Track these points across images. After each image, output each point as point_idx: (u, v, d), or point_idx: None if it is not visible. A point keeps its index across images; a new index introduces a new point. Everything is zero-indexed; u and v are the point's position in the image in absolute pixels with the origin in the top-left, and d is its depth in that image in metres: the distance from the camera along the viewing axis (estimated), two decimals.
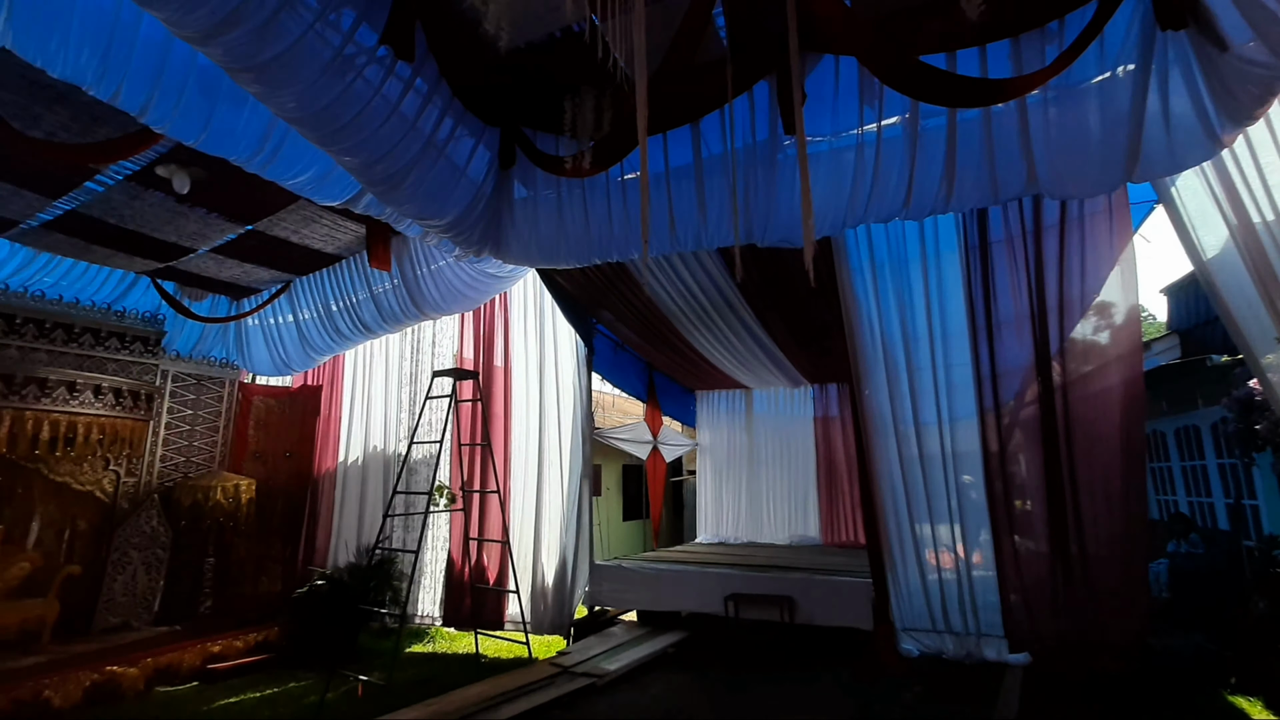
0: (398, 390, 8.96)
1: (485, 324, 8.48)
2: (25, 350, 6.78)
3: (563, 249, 5.38)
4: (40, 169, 5.42)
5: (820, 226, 5.14)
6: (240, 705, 5.52)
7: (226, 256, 7.40)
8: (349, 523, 8.80)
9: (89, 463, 7.23)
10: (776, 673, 5.68)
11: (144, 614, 7.22)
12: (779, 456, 10.20)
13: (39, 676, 5.47)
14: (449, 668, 6.53)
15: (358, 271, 8.05)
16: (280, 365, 8.99)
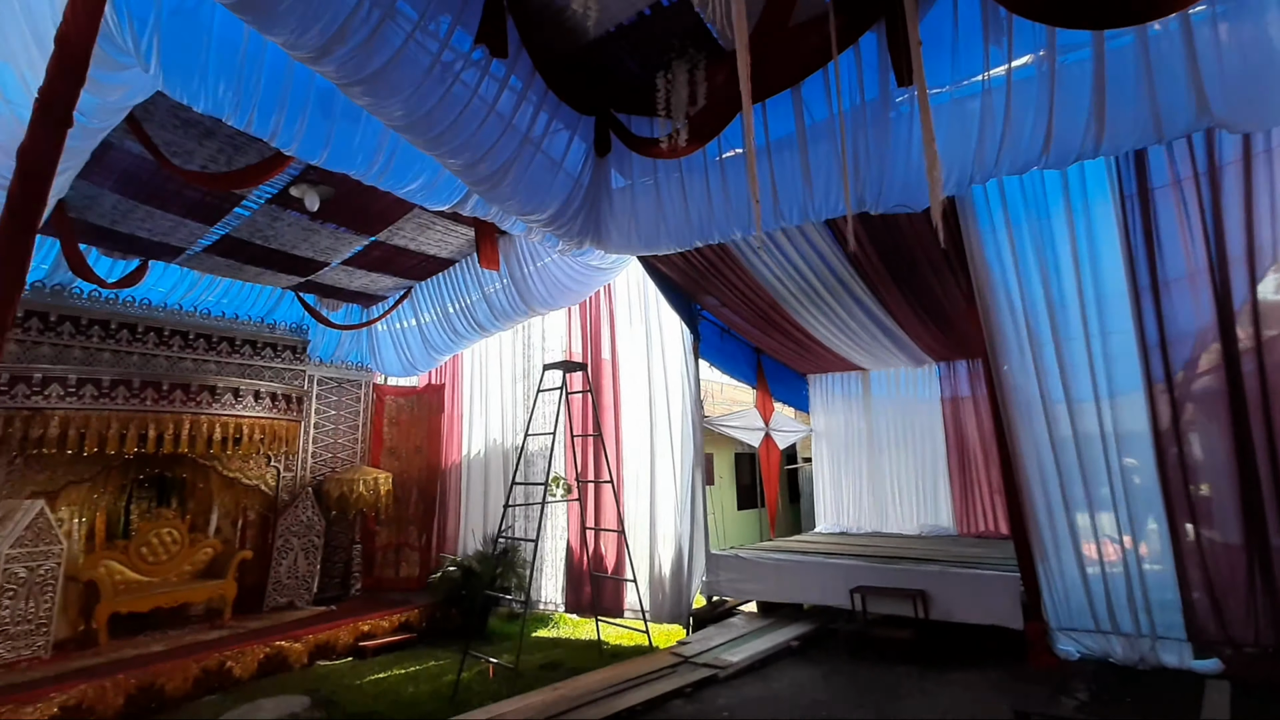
0: (512, 385, 9.29)
1: (591, 317, 8.59)
2: (198, 362, 7.71)
3: (663, 234, 5.28)
4: (198, 200, 6.10)
5: (943, 185, 4.68)
6: (388, 680, 5.95)
7: (355, 268, 8.00)
8: (475, 512, 9.28)
9: (254, 460, 8.11)
10: (911, 670, 5.29)
11: (305, 594, 8.01)
12: (903, 441, 9.55)
13: (222, 648, 6.20)
14: (573, 653, 6.69)
15: (470, 274, 8.42)
16: (407, 366, 9.62)
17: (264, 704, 4.97)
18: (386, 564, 9.50)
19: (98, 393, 6.43)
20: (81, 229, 6.24)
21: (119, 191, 5.84)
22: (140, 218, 6.25)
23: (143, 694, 5.50)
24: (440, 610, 8.04)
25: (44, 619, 5.84)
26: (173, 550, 7.31)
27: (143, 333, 7.29)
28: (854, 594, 6.08)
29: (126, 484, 7.28)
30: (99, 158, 5.32)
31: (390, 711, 5.05)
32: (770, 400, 9.59)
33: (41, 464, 6.47)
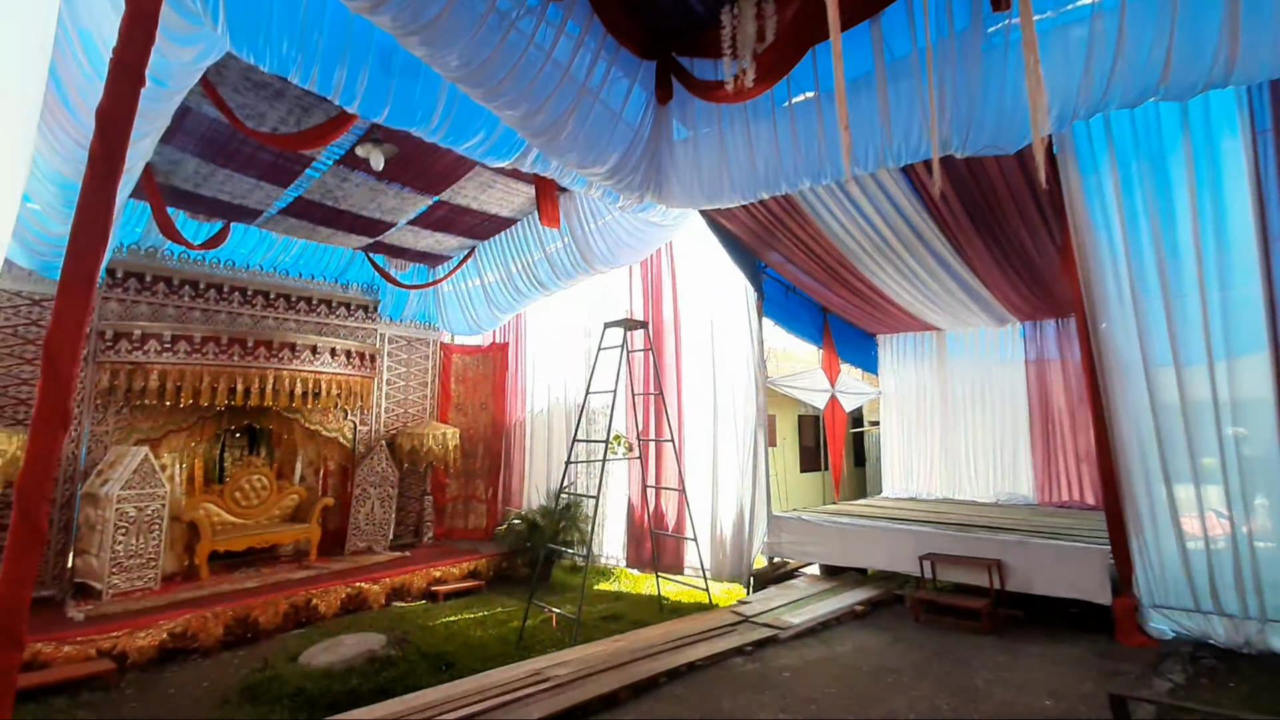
0: (574, 344, 9.33)
1: (653, 275, 8.45)
2: (279, 320, 8.09)
3: (727, 186, 5.05)
4: (271, 162, 6.28)
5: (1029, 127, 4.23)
6: (458, 623, 6.23)
7: (421, 227, 8.12)
8: (539, 468, 9.49)
9: (332, 413, 8.53)
10: (984, 642, 5.08)
11: (382, 540, 8.46)
12: (980, 405, 9.04)
13: (309, 586, 6.64)
14: (633, 606, 6.81)
15: (531, 233, 8.41)
16: (472, 325, 9.81)
17: (345, 640, 5.30)
18: (456, 515, 9.90)
19: (190, 348, 6.86)
20: (168, 193, 6.56)
21: (199, 155, 6.08)
22: (220, 181, 6.51)
23: (239, 624, 5.98)
24: (506, 560, 8.35)
25: (153, 554, 6.39)
26: (263, 495, 7.84)
27: (228, 292, 7.68)
28: (924, 561, 5.86)
29: (220, 433, 7.81)
30: (179, 122, 5.54)
31: (460, 653, 5.28)
32: (837, 360, 9.25)
33: (145, 414, 7.00)
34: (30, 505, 2.49)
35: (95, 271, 2.78)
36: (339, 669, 4.68)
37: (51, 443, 2.57)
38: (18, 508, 2.50)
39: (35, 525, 2.49)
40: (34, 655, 4.90)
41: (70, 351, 2.67)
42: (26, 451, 2.55)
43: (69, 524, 6.48)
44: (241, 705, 4.37)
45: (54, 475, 2.58)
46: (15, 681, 2.42)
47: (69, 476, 6.54)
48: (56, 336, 2.65)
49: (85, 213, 2.78)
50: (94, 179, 2.81)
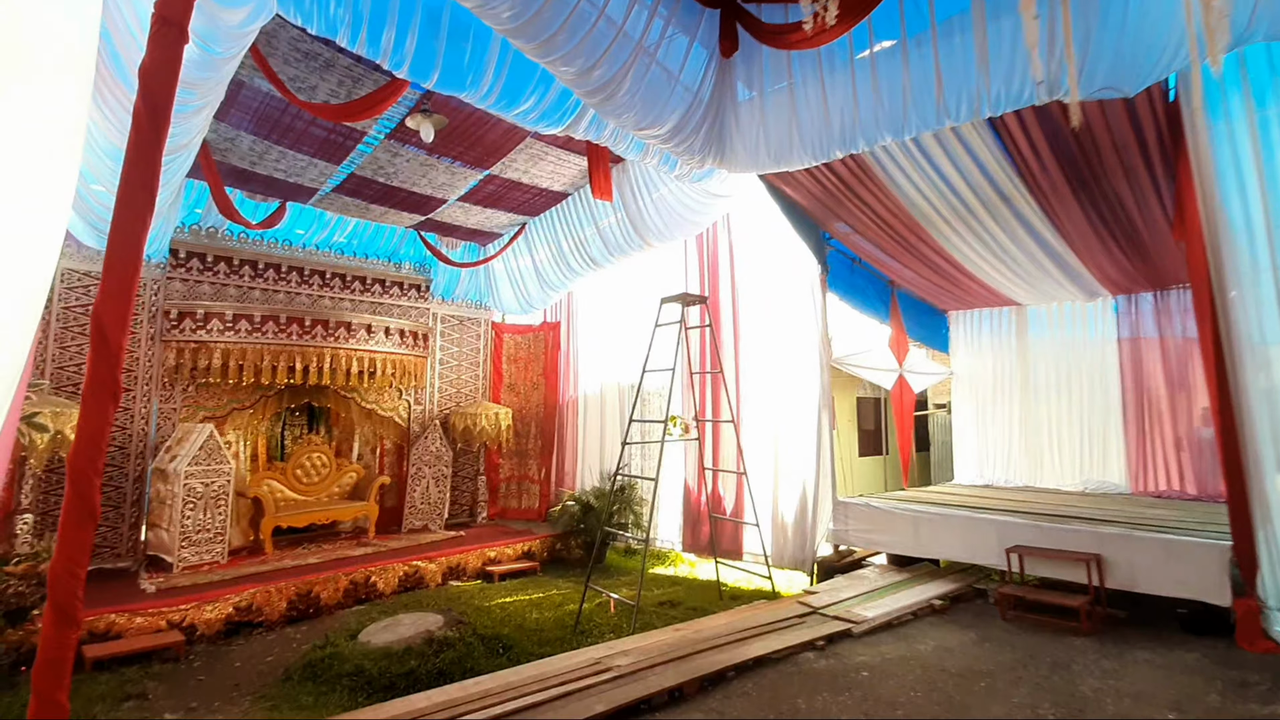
0: (627, 322, 9.07)
1: (709, 249, 8.09)
2: (335, 300, 8.10)
3: (796, 146, 4.65)
4: (324, 138, 6.20)
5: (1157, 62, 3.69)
6: (513, 605, 6.14)
7: (471, 203, 7.97)
8: (591, 449, 9.34)
9: (387, 393, 8.56)
10: (1084, 644, 4.62)
11: (437, 519, 8.48)
12: (1065, 386, 8.36)
13: (368, 563, 6.67)
14: (690, 592, 6.58)
15: (583, 207, 8.16)
16: (523, 303, 9.67)
17: (403, 619, 5.25)
18: (509, 495, 9.87)
19: (250, 327, 6.92)
20: (225, 171, 6.58)
21: (254, 132, 6.03)
22: (275, 158, 6.47)
23: (301, 600, 6.03)
24: (560, 542, 8.24)
25: (219, 529, 6.51)
26: (322, 473, 7.94)
27: (286, 272, 7.72)
28: (1010, 553, 5.40)
29: (281, 412, 7.92)
30: (233, 97, 5.48)
31: (517, 635, 5.16)
32: (905, 338, 8.70)
33: (209, 392, 7.13)
34: (82, 481, 2.39)
35: (142, 238, 2.66)
36: (397, 649, 4.61)
37: (102, 415, 2.47)
38: (70, 484, 2.40)
39: (87, 502, 2.40)
40: (109, 625, 5.03)
41: (119, 321, 2.56)
42: (78, 425, 2.46)
43: (141, 498, 6.66)
44: (303, 682, 4.35)
45: (105, 449, 2.48)
46: (72, 657, 2.35)
47: (140, 452, 6.71)
48: (105, 305, 2.54)
49: (131, 177, 2.65)
50: (139, 141, 2.67)
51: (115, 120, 4.25)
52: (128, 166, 2.63)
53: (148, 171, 2.66)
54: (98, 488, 2.42)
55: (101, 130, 4.52)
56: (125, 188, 2.61)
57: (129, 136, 2.67)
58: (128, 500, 6.62)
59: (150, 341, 6.83)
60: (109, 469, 6.51)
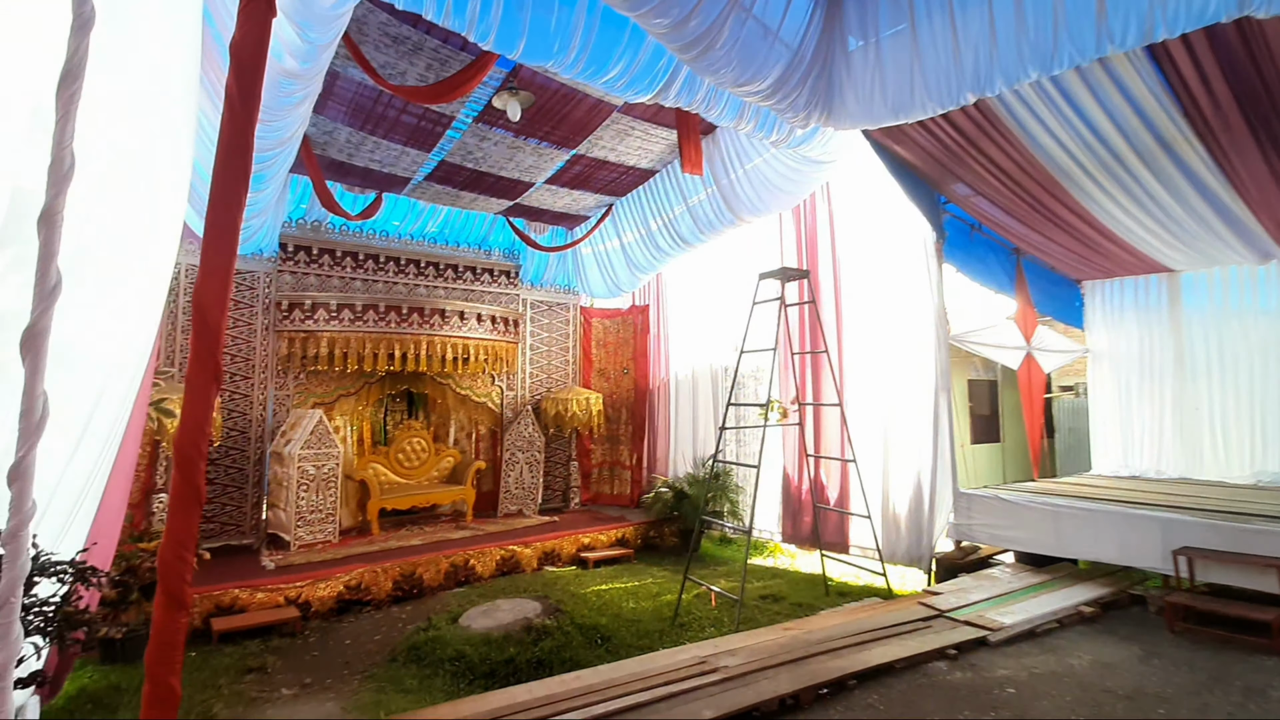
0: (719, 303, 8.70)
1: (807, 222, 7.56)
2: (429, 288, 8.26)
3: (920, 93, 4.11)
4: (414, 125, 6.22)
5: None
6: (609, 593, 6.00)
7: (558, 185, 7.84)
8: (683, 434, 9.07)
9: (480, 379, 8.66)
10: (1275, 664, 3.87)
11: (531, 504, 8.52)
12: (1230, 363, 7.19)
13: (466, 547, 6.75)
14: (793, 586, 6.19)
15: (671, 184, 7.85)
16: (612, 287, 9.51)
17: (502, 605, 5.22)
18: (602, 481, 9.80)
19: (353, 316, 7.13)
20: (325, 165, 6.77)
21: (350, 124, 6.14)
22: (370, 149, 6.59)
23: (405, 580, 6.16)
24: (654, 529, 8.05)
25: (330, 510, 6.78)
26: (422, 457, 8.14)
27: (384, 262, 7.93)
28: (1179, 556, 4.64)
29: (383, 398, 8.18)
30: (329, 89, 5.56)
31: (614, 625, 5.00)
32: (1033, 312, 7.79)
33: (318, 379, 7.44)
34: (187, 465, 2.37)
35: (238, 218, 2.61)
36: (497, 636, 4.55)
37: (205, 398, 2.44)
38: (176, 468, 2.39)
39: (193, 486, 2.38)
40: (233, 600, 5.30)
41: (219, 302, 2.52)
42: (183, 409, 2.45)
43: (261, 479, 7.05)
44: (407, 664, 4.37)
45: (208, 433, 2.45)
46: (183, 641, 2.34)
47: (259, 436, 7.10)
48: (204, 286, 2.50)
49: (225, 156, 2.61)
50: (232, 119, 2.62)
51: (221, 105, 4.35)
52: (222, 145, 2.59)
53: (241, 150, 2.60)
54: (203, 472, 2.40)
55: (210, 117, 4.66)
56: (220, 168, 2.58)
57: (222, 115, 2.63)
58: (250, 481, 7.02)
59: (265, 332, 7.19)
60: (232, 451, 6.93)
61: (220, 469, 6.85)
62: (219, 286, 2.49)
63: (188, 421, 2.38)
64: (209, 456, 6.69)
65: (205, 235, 2.50)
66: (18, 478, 2.21)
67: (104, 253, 3.41)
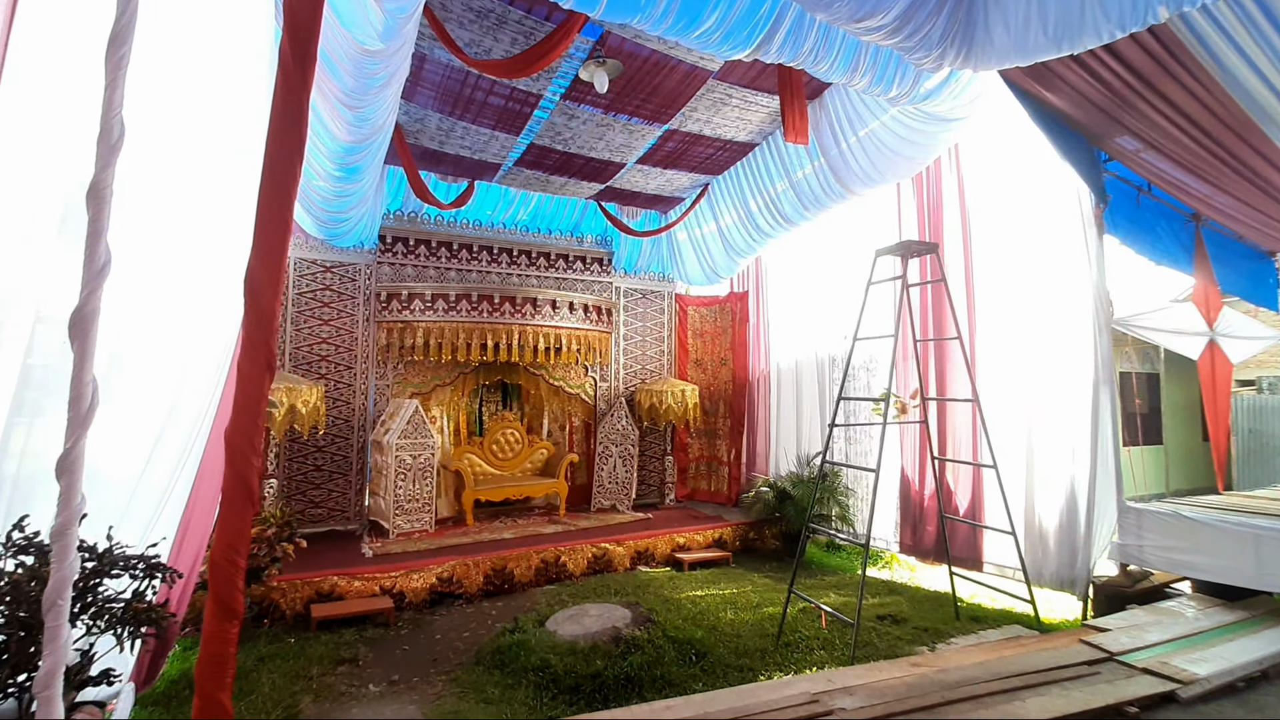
0: (826, 285, 7.96)
1: (931, 193, 6.68)
2: (522, 277, 8.14)
3: (1092, 11, 3.29)
4: (502, 107, 6.02)
5: None
6: (705, 600, 5.56)
7: (650, 165, 7.43)
8: (786, 430, 8.43)
9: (573, 369, 8.46)
10: None
11: (625, 500, 8.23)
12: None
13: (558, 542, 6.54)
14: (916, 606, 5.46)
15: (773, 158, 7.21)
16: (709, 272, 9.00)
17: (590, 610, 4.92)
18: (698, 477, 9.35)
19: (446, 306, 7.11)
20: (418, 154, 6.74)
21: (439, 109, 6.04)
22: (459, 136, 6.48)
23: (496, 575, 6.04)
24: (753, 530, 7.51)
25: (427, 499, 6.81)
26: (516, 449, 8.06)
27: (477, 251, 7.89)
28: None
29: (478, 388, 8.17)
30: (417, 73, 5.46)
31: (710, 639, 4.56)
32: (1216, 291, 6.46)
33: (415, 369, 7.51)
34: (239, 460, 2.16)
35: (292, 192, 2.38)
36: (583, 646, 4.25)
37: (258, 386, 2.22)
38: (228, 464, 2.19)
39: (245, 482, 2.17)
40: (332, 587, 5.36)
41: (272, 284, 2.29)
42: (235, 399, 2.25)
43: (364, 467, 7.21)
44: (490, 670, 4.16)
45: (262, 425, 2.24)
46: (234, 651, 2.15)
47: (361, 425, 7.26)
48: (257, 268, 2.28)
49: (279, 125, 2.37)
50: (286, 84, 2.38)
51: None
52: (275, 114, 2.36)
53: (296, 117, 2.37)
54: (257, 469, 2.18)
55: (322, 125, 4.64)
56: (274, 138, 2.35)
57: (276, 84, 2.41)
58: (354, 468, 7.20)
59: (366, 323, 7.33)
60: (337, 439, 7.12)
61: (326, 456, 7.06)
62: (272, 268, 2.27)
63: (240, 411, 2.18)
64: (316, 443, 6.97)
65: (258, 213, 2.29)
66: (65, 470, 2.07)
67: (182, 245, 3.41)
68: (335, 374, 7.16)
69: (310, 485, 6.94)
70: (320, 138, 4.83)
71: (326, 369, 7.11)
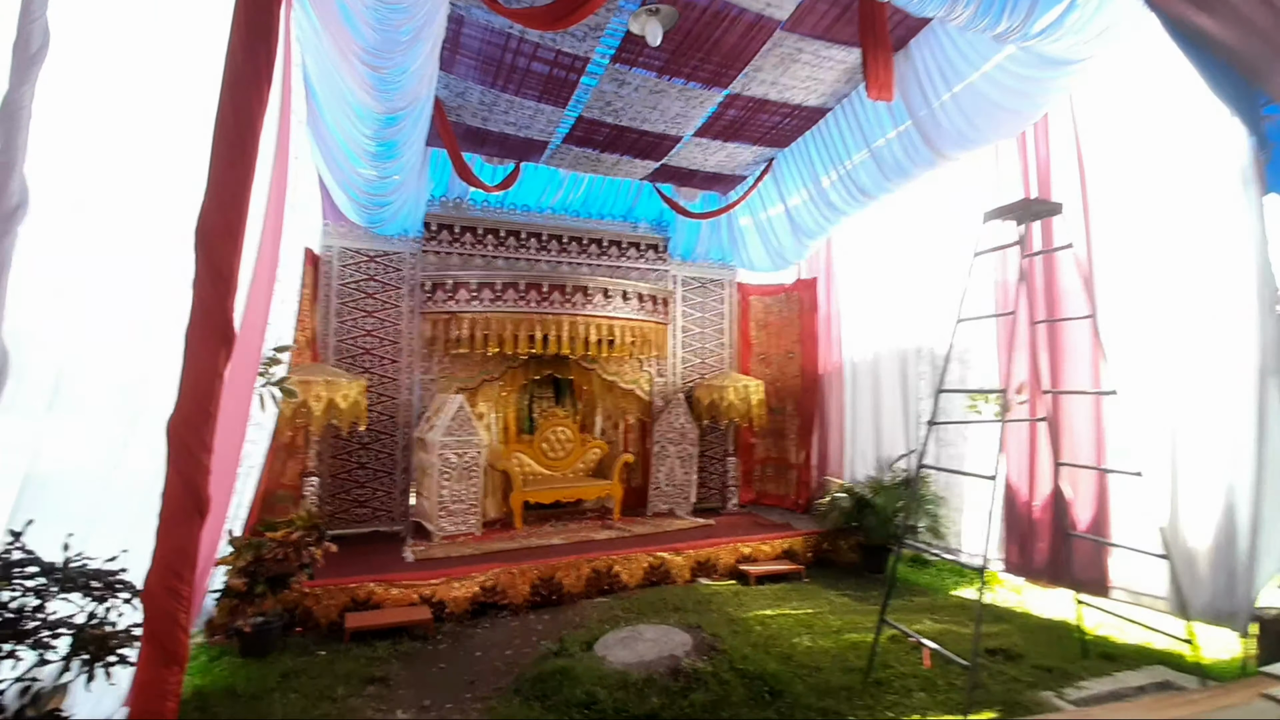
0: (909, 267, 7.11)
1: (1038, 153, 5.75)
2: (573, 265, 7.65)
3: None
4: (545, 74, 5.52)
5: None
6: (775, 623, 4.89)
7: (709, 138, 6.79)
8: (863, 429, 7.60)
9: (628, 364, 7.90)
10: None
11: (684, 504, 7.61)
12: None
13: (611, 550, 6.00)
14: (1031, 638, 4.60)
15: (849, 125, 6.43)
16: (775, 258, 8.26)
17: (645, 631, 4.34)
18: (764, 480, 8.64)
19: (493, 295, 6.69)
20: (461, 134, 6.34)
21: (480, 81, 5.60)
22: (503, 110, 6.03)
23: (544, 584, 5.55)
24: (828, 541, 6.75)
25: (473, 501, 6.40)
26: (567, 448, 7.57)
27: (525, 238, 7.45)
28: None
29: (527, 384, 7.73)
30: (454, 40, 5.03)
31: (786, 673, 3.89)
32: None
33: (461, 363, 7.12)
34: (185, 460, 1.68)
35: (256, 120, 1.90)
36: (636, 677, 3.67)
37: (210, 364, 1.75)
38: (170, 460, 1.73)
39: (192, 487, 1.69)
40: (369, 594, 4.99)
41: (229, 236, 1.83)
42: (182, 377, 1.78)
43: (409, 466, 6.88)
44: (530, 700, 3.63)
45: (215, 413, 1.76)
46: (175, 705, 1.69)
47: (406, 421, 6.93)
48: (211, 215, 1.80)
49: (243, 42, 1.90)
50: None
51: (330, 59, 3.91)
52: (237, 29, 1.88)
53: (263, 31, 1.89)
54: (206, 469, 1.70)
55: (329, 81, 4.27)
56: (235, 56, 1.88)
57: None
58: (398, 467, 6.88)
59: (410, 314, 7.01)
60: (382, 436, 6.81)
61: (370, 453, 6.76)
62: (230, 213, 1.78)
63: (187, 398, 1.69)
64: (360, 439, 6.66)
65: (214, 145, 1.81)
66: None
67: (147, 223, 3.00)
68: (380, 368, 6.86)
69: (354, 484, 6.66)
70: (352, 108, 4.46)
71: (371, 363, 6.81)
